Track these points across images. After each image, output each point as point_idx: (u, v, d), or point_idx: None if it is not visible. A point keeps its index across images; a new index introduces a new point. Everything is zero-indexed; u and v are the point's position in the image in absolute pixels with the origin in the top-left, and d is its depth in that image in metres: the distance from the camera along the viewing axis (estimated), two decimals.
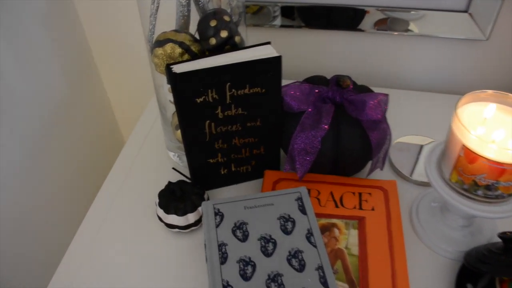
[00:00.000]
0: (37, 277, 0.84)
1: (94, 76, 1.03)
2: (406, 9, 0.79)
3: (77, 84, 0.97)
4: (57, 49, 0.89)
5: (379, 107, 0.59)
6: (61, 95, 0.91)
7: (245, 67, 0.56)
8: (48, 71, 0.87)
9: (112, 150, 0.86)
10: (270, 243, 0.53)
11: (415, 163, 0.72)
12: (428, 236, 0.62)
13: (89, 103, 1.02)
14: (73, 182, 0.96)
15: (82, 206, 0.75)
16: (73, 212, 0.92)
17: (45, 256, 0.86)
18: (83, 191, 0.96)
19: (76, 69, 0.96)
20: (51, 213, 0.89)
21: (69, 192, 0.94)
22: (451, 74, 0.88)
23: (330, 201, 0.63)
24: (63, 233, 0.87)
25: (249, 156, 0.66)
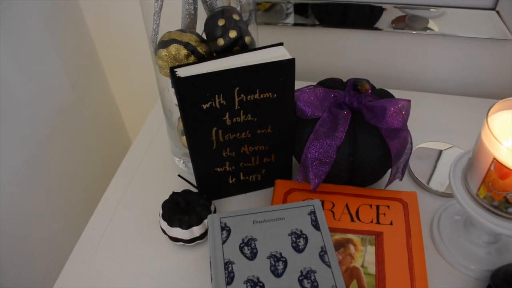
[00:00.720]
0: (38, 283, 0.81)
1: (100, 77, 1.00)
2: (426, 6, 0.75)
3: (82, 86, 0.94)
4: (61, 51, 0.86)
5: (400, 115, 0.55)
6: (67, 96, 0.89)
7: (255, 71, 0.51)
8: (52, 72, 0.84)
9: (119, 153, 0.83)
10: (281, 261, 0.49)
11: (435, 171, 0.67)
12: (449, 252, 0.57)
13: (95, 104, 0.99)
14: (77, 187, 0.93)
15: (85, 212, 0.72)
16: (75, 219, 0.90)
17: (46, 264, 0.83)
18: (88, 196, 0.93)
19: (81, 70, 0.93)
20: (53, 218, 0.86)
21: (72, 197, 0.92)
22: (474, 76, 0.83)
23: (345, 214, 0.58)
24: (64, 241, 0.84)
25: (259, 164, 0.62)
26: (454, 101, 0.81)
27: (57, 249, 0.85)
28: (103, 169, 0.97)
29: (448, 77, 0.84)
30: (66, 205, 0.89)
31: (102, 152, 1.01)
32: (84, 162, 0.95)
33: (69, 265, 0.59)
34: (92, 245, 0.61)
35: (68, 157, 0.90)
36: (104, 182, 0.72)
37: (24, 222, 0.79)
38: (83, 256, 0.60)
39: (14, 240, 0.77)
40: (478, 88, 0.84)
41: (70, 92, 0.89)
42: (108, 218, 0.64)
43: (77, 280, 0.57)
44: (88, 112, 0.96)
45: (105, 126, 1.03)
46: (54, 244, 0.86)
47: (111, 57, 0.98)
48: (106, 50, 0.97)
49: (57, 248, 0.85)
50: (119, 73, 1.01)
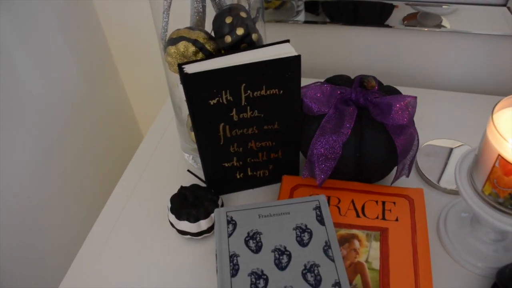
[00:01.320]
0: (48, 276, 0.83)
1: (112, 73, 1.01)
2: (438, 3, 0.74)
3: (95, 82, 0.95)
4: (75, 47, 0.88)
5: (406, 111, 0.55)
6: (80, 92, 0.90)
7: (261, 67, 0.52)
8: (66, 69, 0.86)
9: (131, 148, 0.85)
10: (285, 255, 0.50)
11: (445, 169, 0.67)
12: (456, 250, 0.57)
13: (108, 100, 1.00)
14: (89, 180, 0.95)
15: (97, 205, 0.74)
16: (86, 211, 0.92)
17: (57, 256, 0.85)
18: (100, 189, 0.95)
19: (94, 66, 0.95)
20: (65, 210, 0.88)
21: (84, 190, 0.93)
22: (486, 73, 0.82)
23: (351, 210, 0.59)
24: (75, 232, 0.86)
25: (267, 160, 0.63)
26: (465, 98, 0.80)
27: (68, 241, 0.87)
28: (115, 163, 0.99)
29: (459, 74, 0.84)
30: (78, 198, 0.91)
31: (114, 147, 1.03)
32: (96, 156, 0.97)
33: (80, 256, 0.61)
34: (103, 237, 0.63)
35: (80, 151, 0.92)
36: (116, 176, 0.74)
37: (37, 214, 0.81)
38: (94, 248, 0.62)
39: (27, 231, 0.79)
40: (490, 85, 0.83)
41: (83, 88, 0.91)
42: (118, 210, 0.66)
43: (88, 270, 0.59)
44: (100, 108, 0.97)
45: (117, 122, 1.05)
46: (66, 236, 0.87)
47: (124, 53, 0.99)
48: (118, 47, 0.98)
49: (68, 239, 0.87)
50: (131, 69, 1.02)
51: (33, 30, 0.76)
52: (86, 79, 0.92)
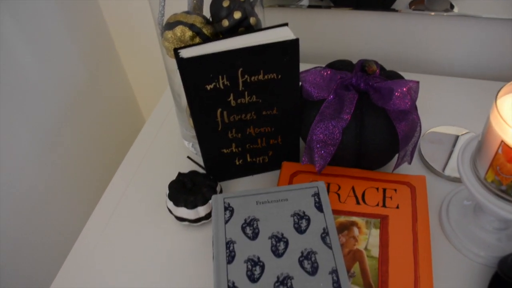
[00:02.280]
0: (49, 261, 0.83)
1: (114, 59, 1.01)
2: None
3: (97, 68, 0.95)
4: (76, 34, 0.88)
5: (408, 96, 0.54)
6: (81, 79, 0.90)
7: (258, 51, 0.51)
8: (67, 56, 0.86)
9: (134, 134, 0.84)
10: (282, 242, 0.49)
11: (449, 156, 0.66)
12: (458, 238, 0.56)
13: (110, 87, 1.00)
14: (90, 166, 0.95)
15: (97, 191, 0.74)
16: (87, 197, 0.92)
17: (57, 240, 0.86)
18: (100, 175, 0.95)
19: (96, 53, 0.94)
20: (66, 196, 0.89)
21: (85, 176, 0.94)
22: (495, 58, 0.80)
23: (351, 197, 0.58)
24: (76, 218, 0.86)
25: (266, 146, 0.62)
26: (472, 84, 0.78)
27: (68, 226, 0.87)
28: (117, 149, 0.99)
29: (466, 60, 0.82)
30: (78, 184, 0.91)
31: (116, 134, 1.03)
32: (98, 143, 0.97)
33: (80, 242, 0.61)
34: (102, 223, 0.63)
35: (82, 138, 0.92)
36: (116, 162, 0.74)
37: (38, 200, 0.81)
38: (93, 233, 0.62)
39: (29, 216, 0.79)
40: (498, 71, 0.81)
41: (84, 74, 0.91)
42: (117, 197, 0.66)
43: (87, 256, 0.59)
44: (102, 95, 0.97)
45: (119, 108, 1.04)
46: (66, 221, 0.88)
47: (125, 39, 0.98)
48: (120, 33, 0.98)
49: (68, 225, 0.88)
50: (133, 56, 1.01)
51: (33, 17, 0.76)
52: (87, 66, 0.92)
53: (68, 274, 0.58)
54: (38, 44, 0.78)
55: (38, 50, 0.78)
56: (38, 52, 0.78)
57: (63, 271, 0.58)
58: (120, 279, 0.56)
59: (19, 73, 0.74)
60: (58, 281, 0.57)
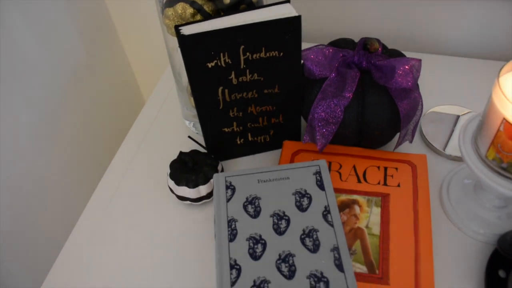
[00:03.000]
0: (50, 240, 0.84)
1: (113, 38, 1.00)
2: None
3: (96, 47, 0.94)
4: (74, 12, 0.86)
5: (410, 74, 0.53)
6: (80, 57, 0.89)
7: (260, 29, 0.51)
8: (66, 34, 0.85)
9: (133, 113, 0.84)
10: (283, 220, 0.50)
11: (450, 135, 0.66)
12: (458, 216, 0.57)
13: (109, 65, 0.99)
14: (91, 145, 0.95)
15: (98, 171, 0.74)
16: (87, 178, 0.92)
17: (59, 218, 0.86)
18: (101, 155, 0.95)
19: (94, 31, 0.93)
20: (67, 176, 0.89)
21: (86, 156, 0.94)
22: (495, 37, 0.79)
23: (352, 175, 0.58)
24: (77, 199, 0.86)
25: (267, 125, 0.62)
26: (473, 64, 0.78)
27: (70, 207, 0.87)
28: (117, 129, 0.99)
29: (469, 40, 0.81)
30: (79, 164, 0.91)
31: (116, 113, 1.03)
32: (98, 122, 0.97)
33: (81, 222, 0.61)
34: (104, 202, 0.63)
35: (82, 117, 0.92)
36: (117, 142, 0.74)
37: (39, 180, 0.81)
38: (95, 214, 0.62)
39: (31, 195, 0.79)
40: (498, 50, 0.81)
41: (83, 53, 0.90)
42: (119, 176, 0.66)
43: (89, 236, 0.59)
44: (101, 73, 0.96)
45: (119, 88, 1.04)
46: (67, 202, 0.88)
47: (124, 17, 0.97)
48: (118, 11, 0.96)
49: (70, 205, 0.88)
50: (132, 33, 1.00)
51: None
52: (86, 45, 0.91)
53: (70, 253, 0.58)
54: (35, 23, 0.77)
55: (36, 29, 0.77)
56: (36, 31, 0.77)
57: (65, 250, 0.58)
58: (123, 259, 0.57)
59: (17, 53, 0.73)
60: (60, 260, 0.57)
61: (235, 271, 0.46)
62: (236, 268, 0.46)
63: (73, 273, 0.56)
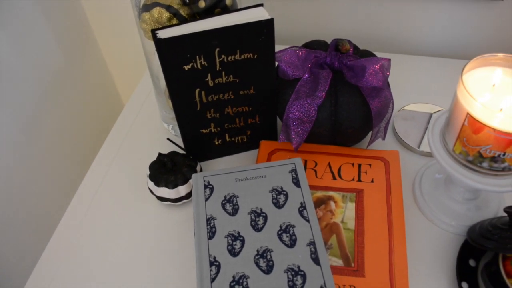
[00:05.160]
0: (30, 243, 0.84)
1: (90, 42, 1.00)
2: None
3: (73, 51, 0.94)
4: (51, 17, 0.86)
5: (380, 73, 0.55)
6: (58, 62, 0.89)
7: (234, 31, 0.52)
8: (43, 39, 0.85)
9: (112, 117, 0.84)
10: (261, 217, 0.51)
11: (423, 133, 0.68)
12: (430, 209, 0.59)
13: (87, 70, 0.99)
14: (71, 150, 0.95)
15: (79, 174, 0.74)
16: (67, 181, 0.92)
17: (40, 223, 0.86)
18: (81, 158, 0.95)
19: (72, 36, 0.93)
20: (47, 180, 0.88)
21: (66, 160, 0.93)
22: (464, 37, 0.82)
23: (327, 172, 0.60)
24: (58, 201, 0.86)
25: (244, 125, 0.63)
26: (442, 63, 0.81)
27: (50, 210, 0.87)
28: (96, 132, 0.99)
29: (439, 40, 0.84)
30: (59, 168, 0.91)
31: (94, 117, 1.03)
32: (77, 127, 0.97)
33: (62, 224, 0.62)
34: (84, 205, 0.63)
35: (61, 122, 0.91)
36: (97, 146, 0.74)
37: (20, 185, 0.81)
38: (75, 216, 0.62)
39: (9, 200, 0.79)
40: (467, 49, 0.84)
41: (61, 58, 0.90)
42: (99, 179, 0.66)
43: (70, 238, 0.60)
44: (80, 78, 0.96)
45: (97, 92, 1.04)
46: (47, 205, 0.88)
47: (102, 21, 0.97)
48: (96, 15, 0.97)
49: (50, 208, 0.88)
50: (110, 39, 1.01)
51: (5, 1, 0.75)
52: (64, 49, 0.91)
53: (51, 255, 0.58)
54: (11, 27, 0.77)
55: (11, 34, 0.77)
56: (11, 36, 0.77)
57: (46, 252, 0.59)
58: (104, 260, 0.57)
59: None
60: (40, 264, 0.58)
61: (215, 268, 0.47)
62: (215, 264, 0.47)
63: (55, 275, 0.56)
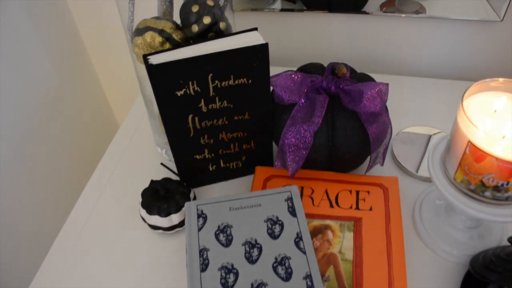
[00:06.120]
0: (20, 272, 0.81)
1: (85, 64, 0.99)
2: None
3: (67, 74, 0.93)
4: (45, 39, 0.86)
5: (378, 98, 0.54)
6: (52, 85, 0.88)
7: (228, 57, 0.51)
8: (36, 61, 0.84)
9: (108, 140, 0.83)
10: (255, 248, 0.49)
11: (422, 157, 0.67)
12: (431, 237, 0.57)
13: (81, 92, 0.98)
14: (62, 174, 0.93)
15: (70, 199, 0.72)
16: (60, 205, 0.90)
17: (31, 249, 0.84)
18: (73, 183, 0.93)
19: (66, 58, 0.92)
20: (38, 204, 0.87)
21: (57, 184, 0.92)
22: (463, 58, 0.82)
23: (324, 200, 0.58)
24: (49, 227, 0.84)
25: (239, 151, 0.62)
26: (442, 84, 0.80)
27: (40, 237, 0.85)
28: (90, 157, 0.97)
29: (437, 61, 0.83)
30: (50, 192, 0.89)
31: (89, 141, 1.01)
32: (70, 151, 0.95)
33: (53, 251, 0.60)
34: (76, 232, 0.61)
35: (54, 145, 0.90)
36: (89, 171, 0.73)
37: (9, 210, 0.79)
38: (67, 243, 0.60)
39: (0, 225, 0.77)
40: (467, 71, 0.83)
41: (55, 80, 0.89)
42: (91, 206, 0.64)
43: (60, 265, 0.58)
44: (75, 103, 0.95)
45: (92, 115, 1.02)
46: (38, 231, 0.86)
47: (97, 45, 0.97)
48: (91, 38, 0.96)
49: (40, 235, 0.86)
50: (105, 62, 1.00)
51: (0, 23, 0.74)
52: (58, 72, 0.90)
53: (41, 283, 0.56)
54: (6, 49, 0.76)
55: (6, 56, 0.76)
56: (6, 58, 0.76)
57: (36, 280, 0.56)
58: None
59: None
60: None
61: None
62: None
63: None
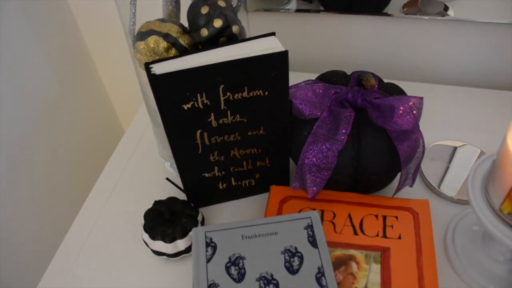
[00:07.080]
0: None
1: (89, 69, 0.94)
2: None
3: (70, 79, 0.88)
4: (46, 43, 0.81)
5: (411, 114, 0.48)
6: (53, 91, 0.83)
7: (242, 66, 0.45)
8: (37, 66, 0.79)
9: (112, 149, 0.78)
10: (271, 284, 0.43)
11: (453, 174, 0.60)
12: (465, 269, 0.51)
13: (85, 99, 0.93)
14: (62, 187, 0.88)
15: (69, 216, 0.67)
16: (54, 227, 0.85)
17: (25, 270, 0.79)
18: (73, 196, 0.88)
19: (69, 63, 0.87)
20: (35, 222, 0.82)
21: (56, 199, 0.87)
22: (493, 65, 0.75)
23: (347, 226, 0.52)
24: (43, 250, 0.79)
25: (252, 169, 0.56)
26: (469, 93, 0.73)
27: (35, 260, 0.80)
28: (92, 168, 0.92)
29: (463, 67, 0.77)
30: (49, 208, 0.84)
31: (94, 150, 0.96)
32: (72, 161, 0.90)
33: (47, 277, 0.54)
34: (71, 257, 0.56)
35: (54, 154, 0.85)
36: (90, 183, 0.67)
37: (5, 223, 0.74)
38: (61, 269, 0.55)
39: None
40: (497, 78, 0.76)
41: (57, 86, 0.84)
42: (89, 226, 0.59)
43: None
44: (77, 107, 0.90)
45: (96, 121, 0.97)
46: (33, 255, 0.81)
47: (101, 49, 0.92)
48: (95, 41, 0.91)
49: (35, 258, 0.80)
50: (109, 67, 0.95)
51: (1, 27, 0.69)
52: (60, 77, 0.85)
53: None
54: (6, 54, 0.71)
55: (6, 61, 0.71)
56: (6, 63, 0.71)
57: None
58: None
59: None
60: None
61: None
62: None
63: None
